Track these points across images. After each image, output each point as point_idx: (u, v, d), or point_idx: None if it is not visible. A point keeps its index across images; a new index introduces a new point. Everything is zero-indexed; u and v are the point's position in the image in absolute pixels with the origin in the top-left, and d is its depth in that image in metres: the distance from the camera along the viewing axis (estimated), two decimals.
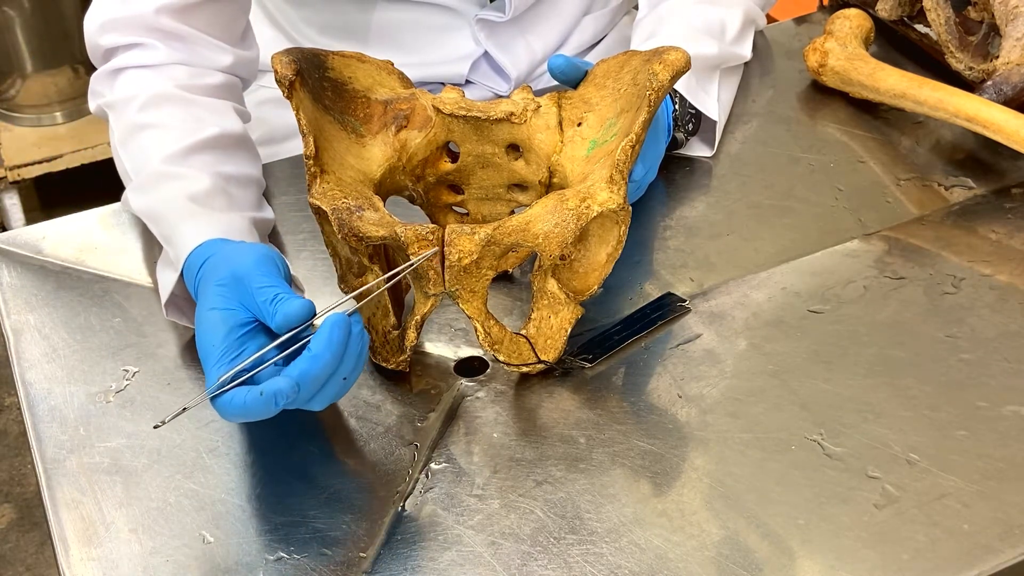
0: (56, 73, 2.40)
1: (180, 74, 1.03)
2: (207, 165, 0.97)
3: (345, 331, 0.79)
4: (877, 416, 0.86)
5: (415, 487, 0.83)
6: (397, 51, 1.23)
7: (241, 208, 0.96)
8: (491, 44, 1.24)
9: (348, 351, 0.80)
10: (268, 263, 0.84)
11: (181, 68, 1.03)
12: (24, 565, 1.94)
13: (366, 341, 0.83)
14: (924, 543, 0.78)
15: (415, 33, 1.24)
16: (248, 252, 0.85)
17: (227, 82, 1.07)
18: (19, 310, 0.98)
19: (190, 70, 1.04)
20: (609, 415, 0.87)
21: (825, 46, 1.20)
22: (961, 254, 1.01)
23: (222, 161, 0.98)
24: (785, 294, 0.97)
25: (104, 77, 1.05)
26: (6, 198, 2.43)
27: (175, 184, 0.95)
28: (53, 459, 0.86)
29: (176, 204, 0.93)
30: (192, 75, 1.03)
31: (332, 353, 0.78)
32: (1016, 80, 1.10)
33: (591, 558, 0.77)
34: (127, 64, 1.03)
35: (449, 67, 1.25)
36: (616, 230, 0.87)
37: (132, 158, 0.99)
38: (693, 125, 1.11)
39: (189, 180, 0.95)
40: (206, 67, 1.05)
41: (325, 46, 1.25)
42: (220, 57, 1.06)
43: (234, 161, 1.00)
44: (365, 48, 1.24)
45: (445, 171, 0.95)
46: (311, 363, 0.78)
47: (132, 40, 1.03)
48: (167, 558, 0.79)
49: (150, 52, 1.03)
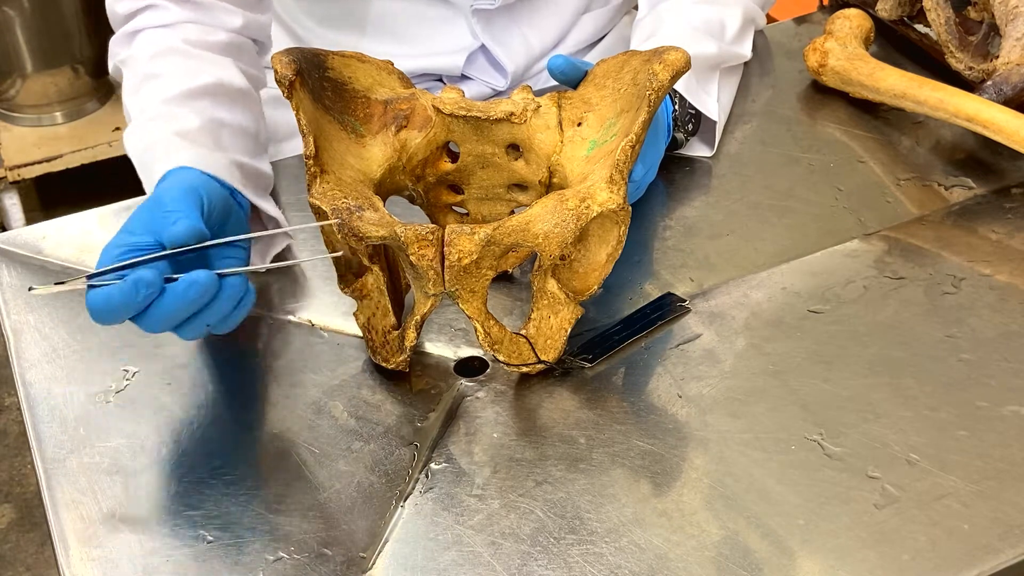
0: (56, 73, 2.39)
1: (190, 31, 1.07)
2: (201, 109, 0.99)
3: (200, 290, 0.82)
4: (877, 416, 0.87)
5: (415, 487, 0.83)
6: (394, 42, 1.25)
7: (226, 150, 0.98)
8: (487, 36, 1.25)
9: (213, 306, 0.83)
10: (190, 194, 0.87)
11: (192, 26, 1.07)
12: (24, 565, 1.94)
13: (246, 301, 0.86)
14: (924, 543, 0.78)
15: (412, 24, 1.25)
16: (181, 180, 0.89)
17: (235, 41, 1.09)
18: (19, 310, 0.98)
19: (200, 27, 1.07)
20: (609, 415, 0.87)
21: (825, 46, 1.20)
22: (961, 254, 1.01)
23: (216, 107, 1.01)
24: (785, 294, 0.97)
25: (121, 39, 1.09)
26: (6, 198, 2.43)
27: (165, 122, 0.98)
28: (53, 459, 0.86)
29: (162, 138, 0.96)
30: (201, 32, 1.07)
31: (184, 301, 0.82)
32: (1016, 80, 1.10)
33: (591, 558, 0.77)
34: (142, 26, 1.07)
35: (445, 59, 1.26)
36: (616, 230, 0.87)
37: (135, 105, 1.03)
38: (693, 125, 1.11)
39: (180, 119, 0.98)
40: (216, 26, 1.08)
41: (323, 36, 1.27)
42: (231, 19, 1.09)
43: (229, 109, 1.02)
44: (362, 38, 1.25)
45: (445, 171, 0.95)
46: (165, 293, 0.82)
47: (146, 3, 1.07)
48: (167, 558, 0.79)
49: (162, 13, 1.07)
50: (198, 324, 0.84)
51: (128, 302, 0.80)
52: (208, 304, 0.83)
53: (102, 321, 0.82)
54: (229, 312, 0.85)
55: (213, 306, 0.84)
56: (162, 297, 0.82)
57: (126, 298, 0.80)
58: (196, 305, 0.83)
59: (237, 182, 0.95)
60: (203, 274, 0.82)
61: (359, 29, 1.25)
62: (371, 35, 1.26)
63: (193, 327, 0.84)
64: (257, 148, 1.04)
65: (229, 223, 0.90)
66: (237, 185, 0.94)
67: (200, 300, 0.82)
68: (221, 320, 0.85)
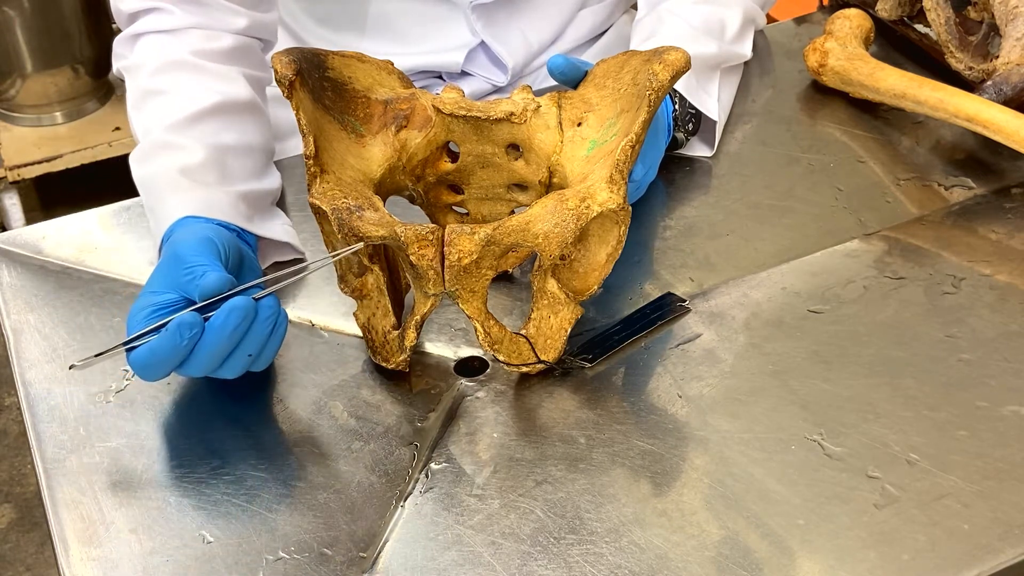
0: (56, 73, 2.39)
1: (194, 38, 1.06)
2: (206, 135, 0.99)
3: (241, 315, 0.82)
4: (877, 416, 0.86)
5: (415, 487, 0.83)
6: (394, 41, 1.25)
7: (234, 181, 0.98)
8: (487, 33, 1.25)
9: (252, 332, 0.84)
10: (207, 245, 0.87)
11: (196, 32, 1.07)
12: (24, 565, 1.94)
13: (281, 322, 0.86)
14: (924, 543, 0.78)
15: (411, 22, 1.25)
16: (195, 233, 0.89)
17: (241, 45, 1.09)
18: (19, 310, 0.98)
19: (204, 34, 1.07)
20: (609, 415, 0.87)
21: (825, 46, 1.20)
22: (961, 254, 1.01)
23: (223, 129, 1.01)
24: (785, 294, 0.97)
25: (125, 41, 1.09)
26: (6, 198, 2.43)
27: (170, 155, 0.97)
28: (53, 459, 0.86)
29: (167, 176, 0.96)
30: (206, 39, 1.07)
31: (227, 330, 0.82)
32: (1016, 80, 1.10)
33: (591, 558, 0.77)
34: (146, 29, 1.07)
35: (445, 56, 1.26)
36: (616, 230, 0.87)
37: (140, 123, 1.03)
38: (693, 125, 1.11)
39: (185, 152, 0.97)
40: (221, 30, 1.08)
41: (322, 35, 1.27)
42: (235, 20, 1.09)
43: (236, 128, 1.02)
44: (362, 38, 1.25)
45: (445, 171, 0.95)
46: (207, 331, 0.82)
47: (150, 5, 1.07)
48: (167, 558, 0.79)
49: (166, 17, 1.07)
50: (240, 355, 0.85)
51: (175, 347, 0.82)
52: (247, 332, 0.84)
53: (150, 377, 0.84)
54: (267, 336, 0.85)
55: (252, 332, 0.84)
56: (204, 335, 0.82)
57: (171, 344, 0.81)
58: (238, 334, 0.83)
59: (242, 218, 0.96)
60: (239, 299, 0.83)
61: (359, 28, 1.26)
62: (371, 34, 1.26)
63: (236, 359, 0.85)
64: (265, 163, 1.05)
65: (244, 265, 0.92)
66: (244, 224, 0.96)
67: (242, 327, 0.83)
68: (260, 347, 0.85)
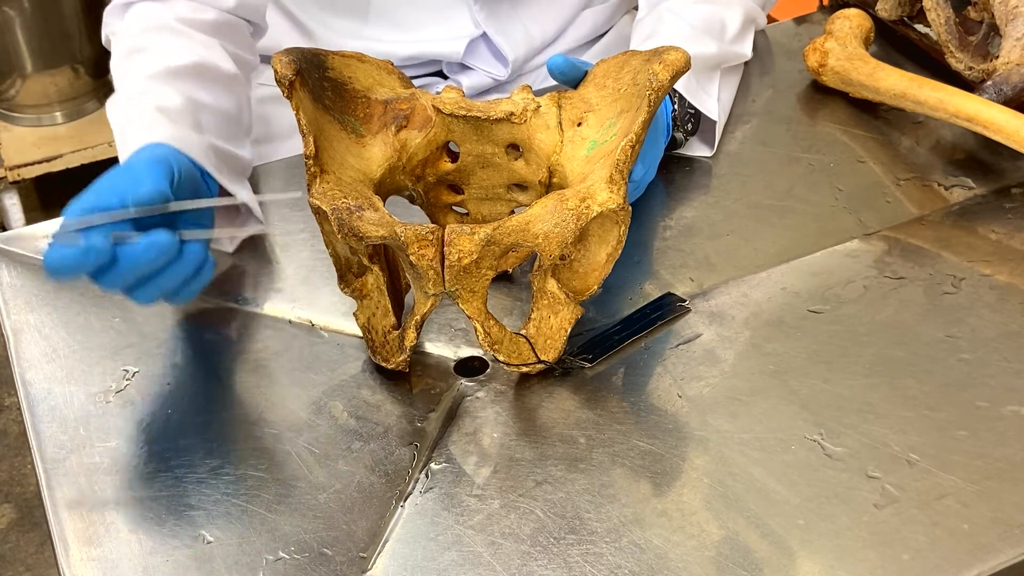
0: (56, 73, 2.39)
1: (181, 8, 1.08)
2: (183, 89, 1.00)
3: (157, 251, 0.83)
4: (877, 416, 0.87)
5: (415, 487, 0.83)
6: (395, 27, 1.25)
7: (205, 132, 0.99)
8: (489, 24, 1.25)
9: (171, 269, 0.85)
10: (160, 163, 0.88)
11: (184, 3, 1.09)
12: (24, 565, 1.94)
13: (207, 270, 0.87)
14: (924, 543, 0.78)
15: (413, 9, 1.26)
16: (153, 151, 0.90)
17: (226, 20, 1.10)
18: (19, 310, 0.98)
19: (192, 5, 1.09)
20: (609, 415, 0.87)
21: (825, 46, 1.20)
22: (961, 254, 1.01)
23: (198, 88, 1.02)
24: (785, 294, 0.97)
25: (115, 10, 1.11)
26: (6, 198, 2.43)
27: (148, 97, 0.99)
28: (53, 459, 0.86)
29: (144, 113, 0.97)
30: (192, 10, 1.08)
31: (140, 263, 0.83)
32: (1016, 80, 1.10)
33: (591, 558, 0.77)
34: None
35: (446, 45, 1.26)
36: (616, 230, 0.87)
37: (121, 77, 1.04)
38: (693, 125, 1.11)
39: (162, 96, 0.99)
40: (209, 4, 1.10)
41: (324, 21, 1.27)
42: None
43: (210, 91, 1.03)
44: (363, 23, 1.26)
45: (445, 171, 0.95)
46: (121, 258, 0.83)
47: None
48: (167, 558, 0.79)
49: None
50: (153, 288, 0.86)
51: (81, 264, 0.82)
52: (166, 268, 0.85)
53: (56, 279, 0.85)
54: (187, 278, 0.86)
55: (171, 270, 0.85)
56: (119, 262, 0.83)
57: (79, 261, 0.82)
58: (154, 266, 0.84)
59: (211, 165, 0.96)
60: (163, 235, 0.83)
61: (360, 14, 1.26)
62: (372, 20, 1.26)
63: (148, 290, 0.86)
64: (238, 132, 1.06)
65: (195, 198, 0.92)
66: (210, 168, 0.95)
67: (158, 261, 0.84)
68: (178, 287, 0.86)
